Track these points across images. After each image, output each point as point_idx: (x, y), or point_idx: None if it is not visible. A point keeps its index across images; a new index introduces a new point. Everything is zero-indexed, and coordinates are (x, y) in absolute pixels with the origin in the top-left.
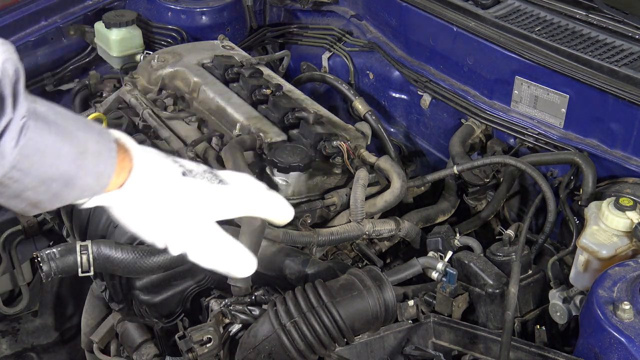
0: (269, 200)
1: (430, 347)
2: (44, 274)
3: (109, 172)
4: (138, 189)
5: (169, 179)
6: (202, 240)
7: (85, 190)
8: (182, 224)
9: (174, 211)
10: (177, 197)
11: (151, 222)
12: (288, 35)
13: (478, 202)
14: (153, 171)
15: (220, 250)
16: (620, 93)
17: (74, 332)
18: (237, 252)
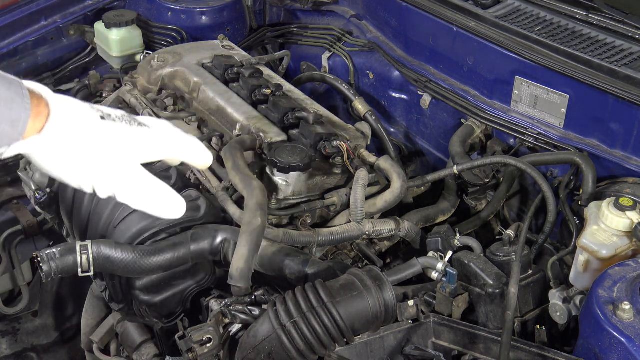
0: (187, 144)
1: (430, 347)
2: (44, 274)
3: (24, 118)
4: (58, 133)
5: (89, 122)
6: (128, 181)
7: (2, 138)
8: (107, 166)
9: (97, 153)
10: (99, 140)
11: (75, 166)
12: (288, 35)
13: (478, 202)
14: (72, 115)
15: (148, 191)
16: (620, 93)
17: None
18: (165, 193)
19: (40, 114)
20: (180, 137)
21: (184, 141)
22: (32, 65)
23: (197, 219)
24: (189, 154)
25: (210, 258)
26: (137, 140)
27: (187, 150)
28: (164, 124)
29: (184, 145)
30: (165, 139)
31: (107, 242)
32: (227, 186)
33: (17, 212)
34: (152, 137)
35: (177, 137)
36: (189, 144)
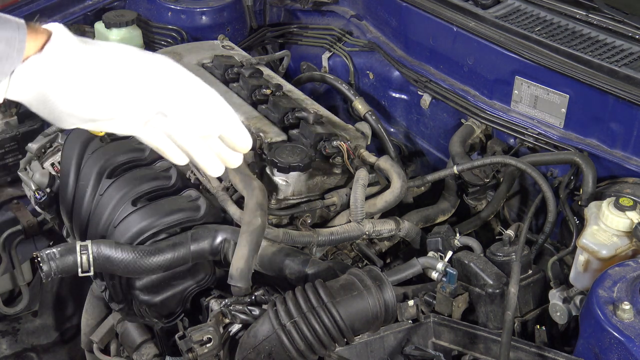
0: None
1: (430, 347)
2: (44, 274)
3: (19, 37)
4: (67, 49)
5: (95, 42)
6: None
7: (1, 60)
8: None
9: (104, 76)
10: (115, 60)
11: (92, 89)
12: (288, 35)
13: (478, 202)
14: (70, 37)
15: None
16: (620, 93)
17: (74, 332)
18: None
19: (39, 34)
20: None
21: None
22: None
23: (197, 219)
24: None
25: (210, 258)
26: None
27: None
28: None
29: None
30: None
31: (107, 242)
32: (227, 186)
33: (17, 212)
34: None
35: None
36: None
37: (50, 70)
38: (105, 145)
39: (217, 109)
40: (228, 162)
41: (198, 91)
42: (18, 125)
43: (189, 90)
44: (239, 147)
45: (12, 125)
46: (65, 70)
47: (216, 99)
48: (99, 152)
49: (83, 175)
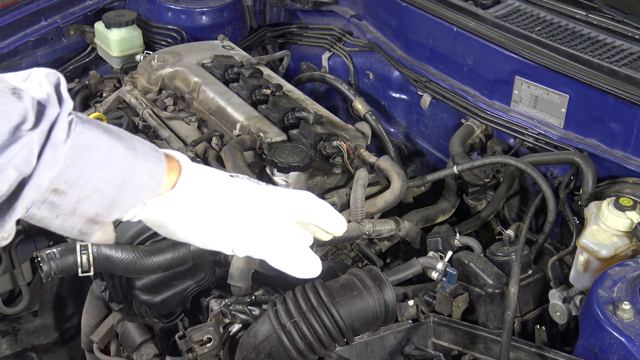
0: (321, 207)
1: (430, 347)
2: (44, 274)
3: (160, 170)
4: (192, 188)
5: (220, 178)
6: (268, 240)
7: (140, 191)
8: (246, 225)
9: (235, 210)
10: (234, 196)
11: (212, 225)
12: (288, 35)
13: (478, 202)
14: (202, 171)
15: (286, 251)
16: (620, 93)
17: (74, 332)
18: (303, 253)
19: (173, 169)
20: (314, 200)
21: (318, 204)
22: (32, 65)
23: None
24: (322, 218)
25: (210, 258)
26: (274, 199)
27: (320, 214)
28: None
29: (318, 209)
30: (299, 201)
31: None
32: None
33: None
34: (287, 198)
35: (310, 200)
36: (323, 208)
37: (177, 208)
38: None
39: None
40: None
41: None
42: None
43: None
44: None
45: None
46: (188, 210)
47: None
48: None
49: None
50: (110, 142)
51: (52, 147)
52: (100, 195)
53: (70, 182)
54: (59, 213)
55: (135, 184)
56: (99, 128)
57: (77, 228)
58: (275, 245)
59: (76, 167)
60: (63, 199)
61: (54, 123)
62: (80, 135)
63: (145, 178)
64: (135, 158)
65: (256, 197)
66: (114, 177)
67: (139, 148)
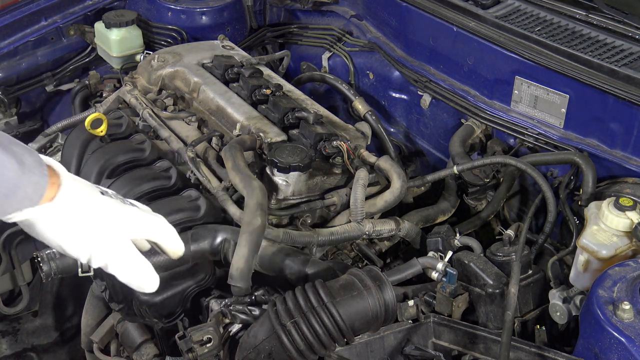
0: (166, 232)
1: (430, 347)
2: (44, 274)
3: (43, 184)
4: (66, 203)
5: (92, 194)
6: (118, 255)
7: (22, 201)
8: (104, 240)
9: (97, 226)
10: (99, 212)
11: (76, 236)
12: (288, 35)
13: (478, 202)
14: (78, 187)
15: (131, 266)
16: (620, 93)
17: (74, 332)
18: (145, 269)
19: (54, 184)
20: (161, 225)
21: (163, 230)
22: (32, 65)
23: (197, 219)
24: (164, 238)
25: (210, 258)
26: (127, 219)
27: (164, 237)
28: (148, 209)
29: (163, 233)
30: (148, 223)
31: None
32: (227, 186)
33: None
34: (139, 219)
35: (158, 224)
36: (167, 233)
37: (50, 218)
38: (105, 145)
39: None
40: None
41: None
42: (18, 125)
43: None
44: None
45: (12, 125)
46: (59, 221)
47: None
48: (99, 152)
49: (83, 175)
50: (2, 156)
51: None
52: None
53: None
54: None
55: (20, 196)
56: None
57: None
58: (122, 260)
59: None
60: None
61: None
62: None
63: (30, 191)
64: (23, 173)
65: (113, 217)
66: (1, 189)
67: (26, 161)
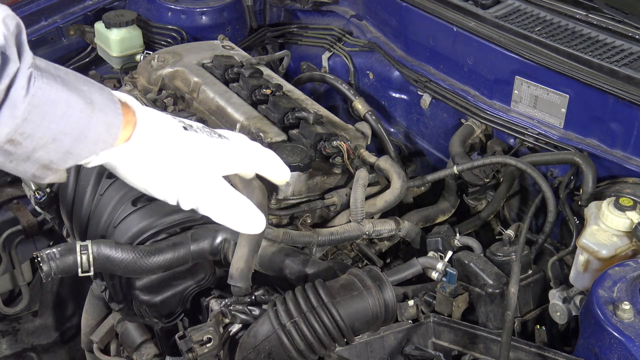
0: (267, 157)
1: (430, 347)
2: (44, 274)
3: (117, 123)
4: (145, 142)
5: (173, 132)
6: (212, 193)
7: (96, 144)
8: (192, 178)
9: (183, 164)
10: (184, 150)
11: (161, 177)
12: (288, 35)
13: (478, 202)
14: (157, 124)
15: (231, 204)
16: (620, 93)
17: (74, 332)
18: (247, 207)
19: (129, 122)
20: (260, 150)
21: (264, 154)
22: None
23: (197, 219)
24: (268, 167)
25: (210, 258)
26: (220, 151)
27: (266, 163)
28: (241, 137)
29: (264, 159)
30: (245, 151)
31: (107, 242)
32: None
33: (17, 212)
34: (234, 149)
35: (256, 150)
36: (269, 157)
37: (129, 159)
38: None
39: None
40: None
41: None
42: None
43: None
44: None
45: None
46: (139, 162)
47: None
48: None
49: (83, 175)
50: (69, 96)
51: (10, 105)
52: (56, 146)
53: (27, 135)
54: (12, 159)
55: (92, 137)
56: (57, 82)
57: (30, 172)
58: (217, 200)
59: (34, 121)
60: (19, 148)
61: (12, 80)
62: (39, 91)
63: (102, 132)
64: (93, 112)
65: (202, 153)
66: (72, 130)
67: (96, 100)
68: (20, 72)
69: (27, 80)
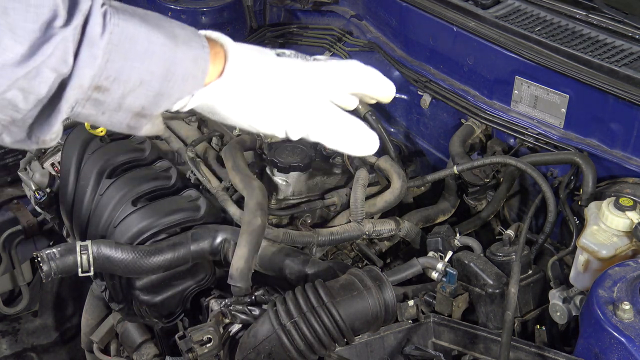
0: (370, 74)
1: (430, 347)
2: (44, 274)
3: (204, 56)
4: (240, 74)
5: (268, 60)
6: (322, 118)
7: (186, 80)
8: (298, 104)
9: (286, 91)
10: (284, 77)
11: (265, 109)
12: (288, 35)
13: (478, 202)
14: (249, 55)
15: (342, 127)
16: (620, 93)
17: (74, 332)
18: (359, 128)
19: (218, 55)
20: (361, 68)
21: (366, 71)
22: None
23: (197, 219)
24: (372, 84)
25: (210, 258)
26: (320, 74)
27: (370, 80)
28: (337, 59)
29: (366, 76)
30: (346, 70)
31: (107, 242)
32: (227, 186)
33: (17, 212)
34: (334, 70)
35: (357, 67)
36: (371, 74)
37: (226, 96)
38: (105, 145)
39: None
40: None
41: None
42: None
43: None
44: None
45: None
46: (238, 98)
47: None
48: (99, 152)
49: (83, 175)
50: (149, 31)
51: (88, 43)
52: (144, 89)
53: (112, 78)
54: (104, 110)
55: (180, 74)
56: (134, 17)
57: (125, 122)
58: (329, 124)
59: (116, 62)
60: (107, 96)
61: (87, 17)
62: (116, 28)
63: (190, 66)
64: (177, 46)
65: (304, 77)
66: (157, 68)
67: (179, 34)
68: (94, 8)
69: (103, 17)
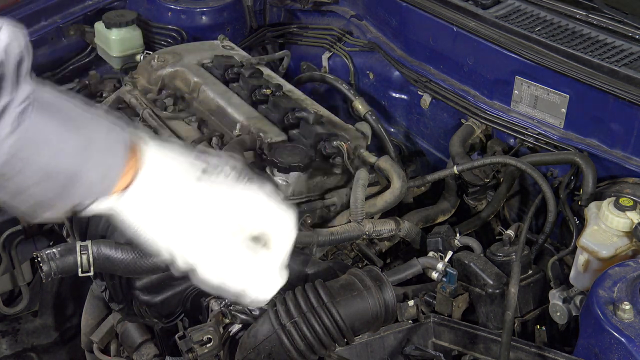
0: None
1: (430, 347)
2: (44, 274)
3: (117, 168)
4: (143, 193)
5: (183, 181)
6: (213, 258)
7: (91, 188)
8: (189, 238)
9: (184, 220)
10: (187, 207)
11: (154, 230)
12: (288, 35)
13: (478, 202)
14: (165, 172)
15: (235, 271)
16: (620, 93)
17: (74, 332)
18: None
19: (131, 169)
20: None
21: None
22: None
23: None
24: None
25: None
26: (232, 209)
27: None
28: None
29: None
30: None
31: (107, 242)
32: None
33: None
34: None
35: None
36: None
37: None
38: None
39: None
40: None
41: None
42: None
43: None
44: None
45: None
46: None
47: None
48: None
49: None
50: (62, 136)
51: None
52: (50, 185)
53: (17, 169)
54: (6, 192)
55: (85, 182)
56: (54, 117)
57: (24, 206)
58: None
59: (22, 159)
60: (9, 182)
61: (2, 113)
62: (29, 130)
63: (95, 178)
64: (88, 156)
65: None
66: (63, 172)
67: (97, 143)
68: (11, 106)
69: (18, 116)
